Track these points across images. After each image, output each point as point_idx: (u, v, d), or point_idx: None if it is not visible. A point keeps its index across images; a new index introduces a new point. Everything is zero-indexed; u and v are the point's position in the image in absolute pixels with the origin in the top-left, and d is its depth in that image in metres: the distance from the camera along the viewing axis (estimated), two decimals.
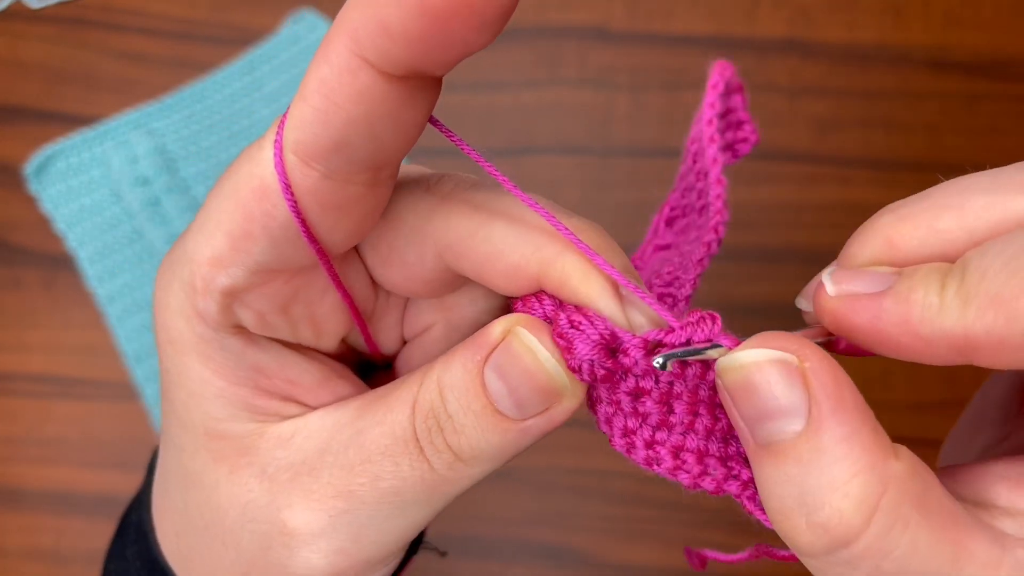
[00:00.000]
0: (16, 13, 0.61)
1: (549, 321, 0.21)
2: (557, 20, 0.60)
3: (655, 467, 0.22)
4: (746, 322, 0.27)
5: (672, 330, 0.20)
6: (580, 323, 0.21)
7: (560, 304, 0.21)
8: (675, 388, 0.21)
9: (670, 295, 0.23)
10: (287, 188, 0.20)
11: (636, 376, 0.21)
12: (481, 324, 0.24)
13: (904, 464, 0.19)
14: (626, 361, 0.21)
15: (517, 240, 0.21)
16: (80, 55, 0.61)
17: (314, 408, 0.24)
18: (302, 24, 0.60)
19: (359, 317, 0.24)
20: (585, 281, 0.21)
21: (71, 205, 0.58)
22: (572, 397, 0.21)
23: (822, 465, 0.18)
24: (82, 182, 0.59)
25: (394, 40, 0.17)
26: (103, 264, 0.58)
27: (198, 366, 0.22)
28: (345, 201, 0.20)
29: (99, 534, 0.56)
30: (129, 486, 0.57)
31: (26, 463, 0.57)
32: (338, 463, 0.22)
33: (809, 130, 0.58)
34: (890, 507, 0.18)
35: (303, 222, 0.20)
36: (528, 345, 0.21)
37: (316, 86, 0.18)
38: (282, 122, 0.20)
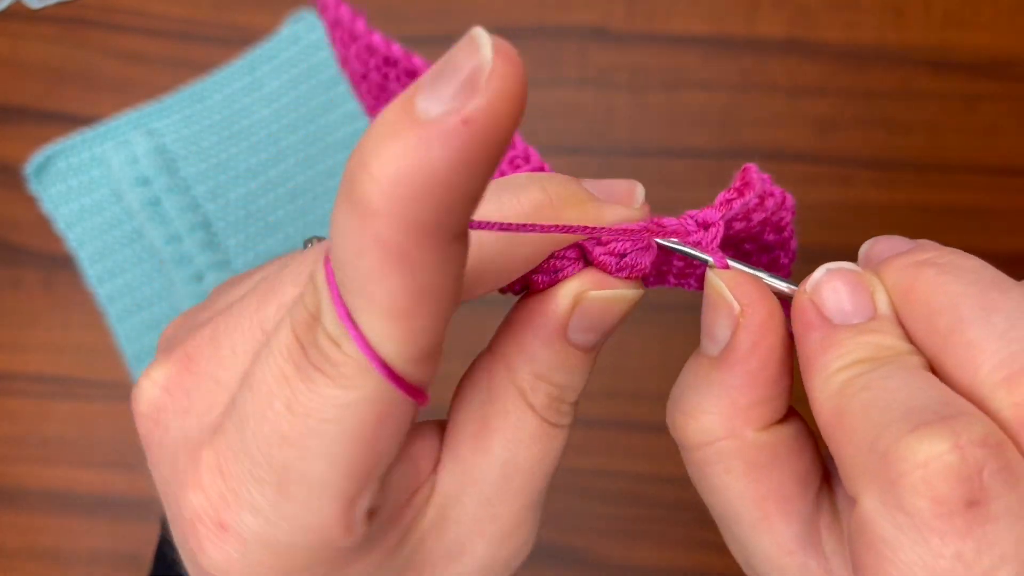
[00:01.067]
0: (16, 13, 0.61)
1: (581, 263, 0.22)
2: (557, 20, 0.60)
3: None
4: None
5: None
6: (618, 248, 0.22)
7: (576, 250, 0.22)
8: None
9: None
10: (418, 396, 0.18)
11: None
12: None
13: (772, 435, 0.23)
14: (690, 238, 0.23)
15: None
16: (80, 55, 0.61)
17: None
18: (302, 24, 0.60)
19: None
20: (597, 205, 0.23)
21: (71, 205, 0.58)
22: (641, 294, 0.23)
23: (701, 390, 0.22)
24: (82, 182, 0.59)
25: (475, 196, 0.16)
26: (103, 264, 0.58)
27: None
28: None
29: (99, 534, 0.57)
30: (129, 486, 0.57)
31: (26, 463, 0.57)
32: (508, 482, 0.23)
33: (809, 130, 0.58)
34: (721, 451, 0.23)
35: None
36: (609, 297, 0.22)
37: (413, 297, 0.16)
38: (363, 348, 0.17)
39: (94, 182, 0.58)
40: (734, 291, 0.22)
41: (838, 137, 0.58)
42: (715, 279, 0.23)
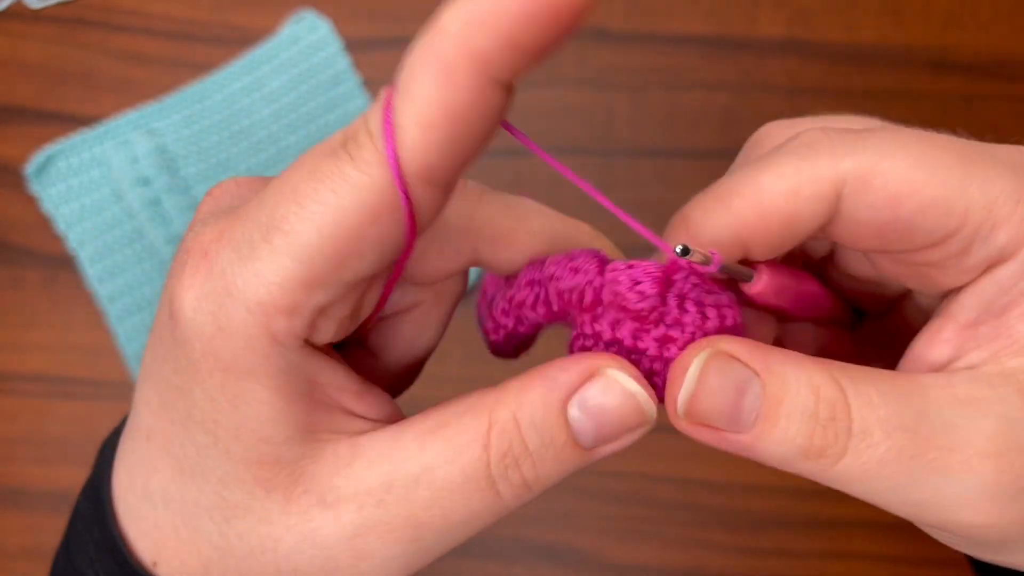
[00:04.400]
0: (16, 13, 0.61)
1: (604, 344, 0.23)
2: None
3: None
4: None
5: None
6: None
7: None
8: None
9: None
10: (411, 218, 0.20)
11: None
12: (459, 297, 0.27)
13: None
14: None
15: (548, 222, 0.25)
16: (80, 55, 0.61)
17: (361, 416, 0.24)
18: (303, 24, 0.60)
19: (380, 305, 0.24)
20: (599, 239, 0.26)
21: (71, 205, 0.58)
22: (651, 423, 0.23)
23: (793, 397, 0.22)
24: (82, 182, 0.59)
25: (526, 54, 0.18)
26: (104, 264, 0.58)
27: (258, 389, 0.22)
28: (441, 209, 0.21)
29: None
30: None
31: (26, 463, 0.57)
32: (408, 498, 0.22)
33: None
34: (857, 395, 0.22)
35: (412, 241, 0.21)
36: (621, 383, 0.22)
37: (443, 112, 0.19)
38: (389, 141, 0.19)
39: (94, 182, 0.59)
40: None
41: None
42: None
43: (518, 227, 0.25)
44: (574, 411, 0.22)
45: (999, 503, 0.21)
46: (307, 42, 0.60)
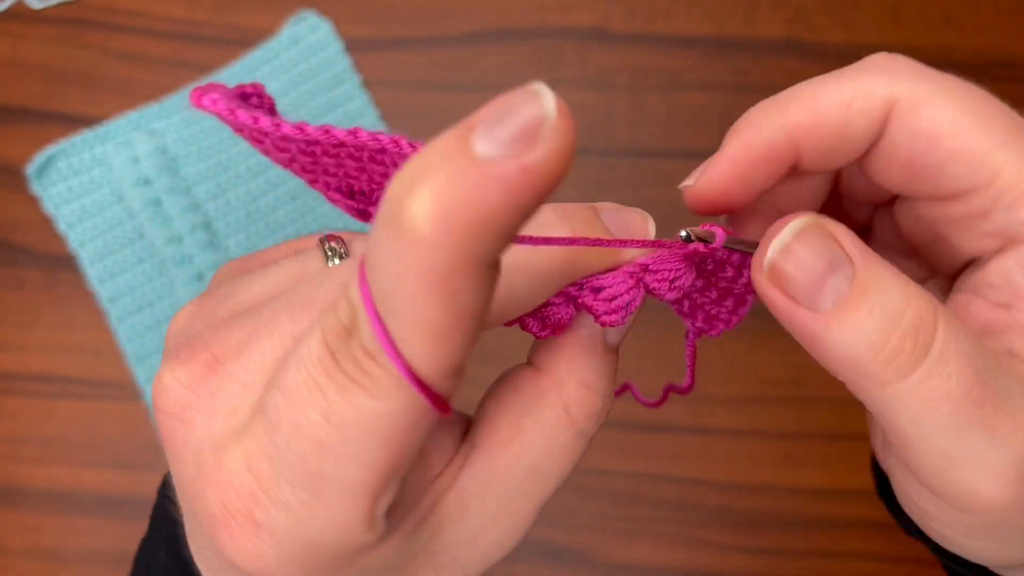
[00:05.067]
0: (17, 13, 0.61)
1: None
2: (557, 20, 0.60)
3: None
4: (749, 319, 0.27)
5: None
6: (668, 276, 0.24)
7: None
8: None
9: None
10: (443, 403, 0.19)
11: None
12: None
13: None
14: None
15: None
16: (81, 56, 0.61)
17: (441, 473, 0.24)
18: (303, 25, 0.60)
19: None
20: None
21: (72, 205, 0.58)
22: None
23: (886, 289, 0.21)
24: (83, 182, 0.59)
25: (515, 231, 0.17)
26: (104, 264, 0.58)
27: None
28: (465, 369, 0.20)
29: (100, 534, 0.57)
30: (130, 486, 0.57)
31: (27, 463, 0.57)
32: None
33: None
34: (946, 320, 0.21)
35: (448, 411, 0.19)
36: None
37: (449, 320, 0.17)
38: (398, 362, 0.17)
39: (95, 182, 0.59)
40: (840, 241, 0.22)
41: None
42: (790, 225, 0.22)
43: (616, 257, 0.24)
44: (610, 336, 0.24)
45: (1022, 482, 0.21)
46: (307, 43, 0.60)
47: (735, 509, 0.56)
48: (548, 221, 0.23)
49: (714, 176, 0.25)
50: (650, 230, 0.25)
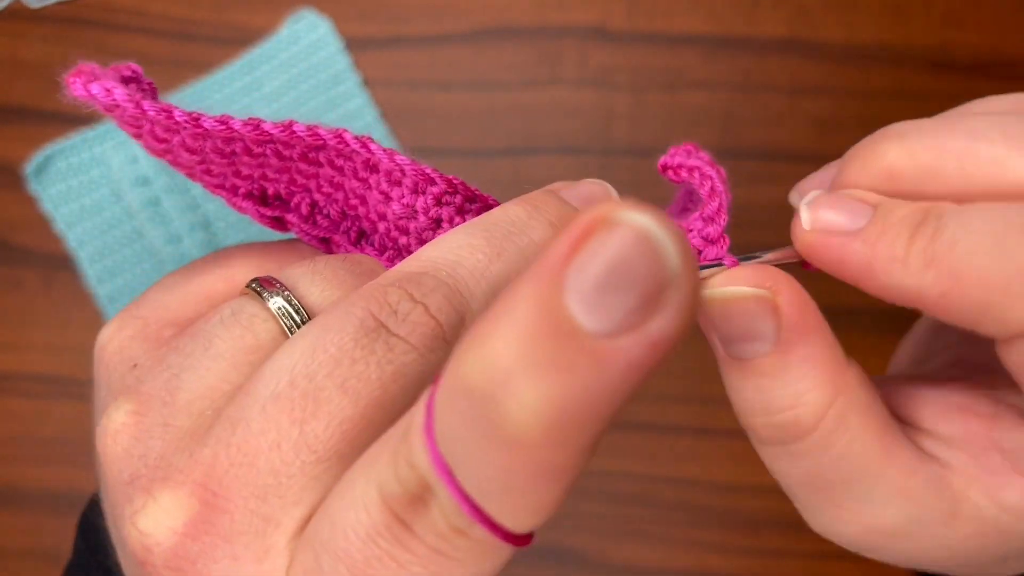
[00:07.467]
0: (16, 13, 0.61)
1: None
2: (557, 20, 0.60)
3: None
4: None
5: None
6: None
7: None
8: None
9: None
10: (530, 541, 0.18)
11: None
12: None
13: (853, 377, 0.21)
14: None
15: None
16: (80, 55, 0.61)
17: None
18: (302, 24, 0.60)
19: None
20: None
21: (71, 205, 0.58)
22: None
23: (785, 380, 0.21)
24: (82, 182, 0.59)
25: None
26: (103, 264, 0.58)
27: None
28: None
29: None
30: None
31: (26, 463, 0.57)
32: None
33: (809, 130, 0.58)
34: (837, 413, 0.21)
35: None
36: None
37: (560, 498, 0.17)
38: (499, 535, 0.16)
39: (94, 182, 0.58)
40: (750, 282, 0.22)
41: (838, 137, 0.58)
42: (731, 288, 0.22)
43: None
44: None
45: None
46: (307, 41, 0.60)
47: (736, 510, 0.56)
48: (521, 220, 0.23)
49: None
50: (612, 196, 0.25)
